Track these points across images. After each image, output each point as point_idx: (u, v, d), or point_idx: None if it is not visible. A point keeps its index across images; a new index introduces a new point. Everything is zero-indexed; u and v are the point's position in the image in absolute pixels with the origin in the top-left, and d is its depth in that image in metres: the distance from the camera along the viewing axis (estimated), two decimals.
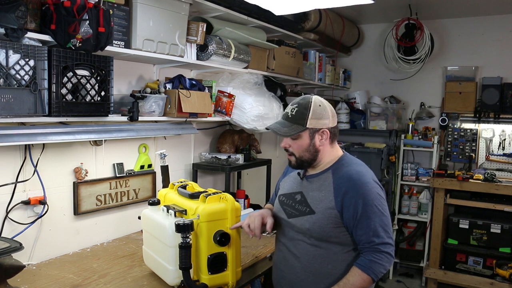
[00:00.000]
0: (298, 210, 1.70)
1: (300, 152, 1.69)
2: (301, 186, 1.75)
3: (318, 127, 1.66)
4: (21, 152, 1.95)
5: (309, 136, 1.67)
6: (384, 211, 1.61)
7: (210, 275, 1.65)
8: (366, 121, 4.45)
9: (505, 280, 3.61)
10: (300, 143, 1.67)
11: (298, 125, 1.65)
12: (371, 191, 1.60)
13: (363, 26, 4.71)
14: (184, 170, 2.95)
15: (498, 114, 3.99)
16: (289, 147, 1.70)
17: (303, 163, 1.71)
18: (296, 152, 1.70)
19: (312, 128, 1.66)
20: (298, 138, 1.67)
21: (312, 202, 1.67)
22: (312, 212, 1.65)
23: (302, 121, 1.65)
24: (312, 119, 1.65)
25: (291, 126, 1.66)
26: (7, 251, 1.57)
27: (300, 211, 1.69)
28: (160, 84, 2.45)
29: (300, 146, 1.68)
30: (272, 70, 3.26)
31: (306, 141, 1.67)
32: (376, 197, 1.60)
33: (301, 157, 1.69)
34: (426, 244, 4.26)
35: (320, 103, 1.68)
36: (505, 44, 4.10)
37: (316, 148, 1.68)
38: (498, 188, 3.67)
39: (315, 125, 1.66)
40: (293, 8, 2.42)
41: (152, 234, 1.79)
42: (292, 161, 1.73)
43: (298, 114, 1.66)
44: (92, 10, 1.80)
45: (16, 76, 1.66)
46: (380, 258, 1.55)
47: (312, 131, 1.66)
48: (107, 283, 1.78)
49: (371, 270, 1.55)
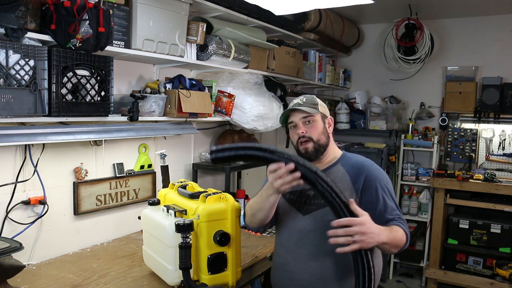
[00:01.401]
0: (316, 204, 1.67)
1: (317, 135, 1.71)
2: None
3: (326, 114, 1.78)
4: (21, 152, 1.95)
5: (321, 119, 1.74)
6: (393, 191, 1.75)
7: (210, 275, 1.65)
8: (366, 121, 4.45)
9: (505, 280, 3.60)
10: (316, 125, 1.72)
11: (313, 108, 1.73)
12: (383, 174, 1.74)
13: (363, 26, 4.71)
14: (184, 170, 2.95)
15: (498, 114, 3.99)
16: (306, 133, 1.71)
17: (320, 148, 1.72)
18: (314, 136, 1.71)
19: (322, 114, 1.75)
20: (313, 121, 1.72)
21: None
22: None
23: (315, 106, 1.74)
24: (321, 106, 1.77)
25: (307, 107, 1.72)
26: (7, 251, 1.57)
27: (318, 205, 1.66)
28: (160, 84, 2.45)
29: (316, 129, 1.72)
30: (272, 70, 3.26)
31: (321, 124, 1.74)
32: (388, 181, 1.74)
33: (318, 140, 1.71)
34: (426, 244, 4.26)
35: None
36: (505, 44, 4.10)
37: (328, 134, 1.76)
38: (498, 188, 3.67)
39: (324, 111, 1.77)
40: (293, 8, 2.42)
41: (152, 234, 1.79)
42: (309, 147, 1.71)
43: (309, 101, 1.75)
44: (92, 10, 1.80)
45: (16, 76, 1.66)
46: (405, 226, 1.66)
47: (323, 116, 1.75)
48: (107, 283, 1.78)
49: (407, 230, 1.64)
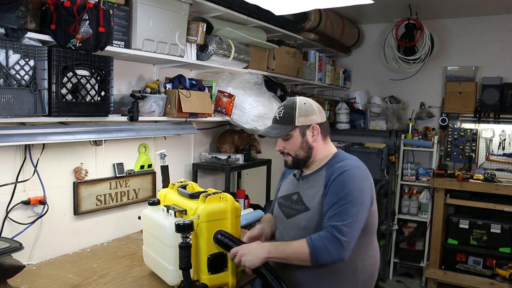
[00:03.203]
0: (295, 209, 1.73)
1: (295, 151, 1.73)
2: (297, 186, 1.79)
3: (307, 123, 1.71)
4: (21, 152, 1.95)
5: (300, 134, 1.71)
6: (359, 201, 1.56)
7: (210, 275, 1.65)
8: (366, 121, 4.45)
9: (505, 280, 3.61)
10: (293, 142, 1.72)
11: (288, 125, 1.70)
12: (353, 183, 1.58)
13: (363, 26, 4.71)
14: (184, 170, 2.95)
15: (498, 114, 3.99)
16: (284, 149, 1.74)
17: (299, 162, 1.75)
18: (291, 152, 1.73)
19: (301, 126, 1.71)
20: (290, 138, 1.71)
21: (307, 199, 1.70)
22: (307, 209, 1.68)
23: (291, 121, 1.70)
24: (300, 117, 1.70)
25: (280, 127, 1.71)
26: (7, 251, 1.57)
27: (297, 210, 1.72)
28: (160, 84, 2.45)
29: (293, 145, 1.72)
30: (272, 70, 3.26)
31: (299, 139, 1.71)
32: (356, 188, 1.58)
33: (296, 155, 1.73)
34: (426, 244, 4.26)
35: (305, 101, 1.73)
36: (505, 44, 4.10)
37: (309, 145, 1.72)
38: (498, 188, 3.67)
39: (303, 122, 1.70)
40: (293, 8, 2.42)
41: (152, 234, 1.79)
42: (288, 161, 1.76)
43: (286, 115, 1.71)
44: (92, 10, 1.80)
45: (16, 76, 1.66)
46: (328, 239, 1.50)
47: (302, 128, 1.71)
48: (107, 283, 1.78)
49: (313, 242, 1.52)
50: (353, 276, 1.68)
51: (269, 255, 1.58)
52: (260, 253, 1.58)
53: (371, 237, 1.75)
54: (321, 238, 1.52)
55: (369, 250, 1.73)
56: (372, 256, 1.76)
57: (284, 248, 1.60)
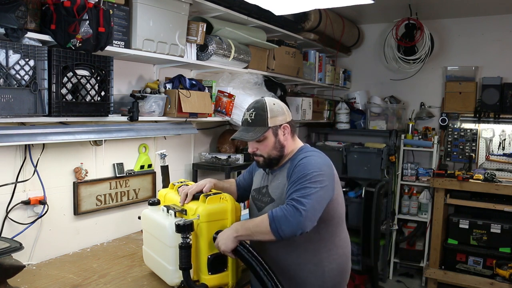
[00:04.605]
0: (263, 201, 1.80)
1: (268, 152, 1.76)
2: (267, 180, 1.84)
3: (278, 123, 1.75)
4: (21, 152, 1.95)
5: (273, 134, 1.75)
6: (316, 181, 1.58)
7: (210, 275, 1.65)
8: (366, 121, 4.44)
9: (505, 280, 3.61)
10: (266, 143, 1.75)
11: (261, 127, 1.73)
12: (312, 165, 1.63)
13: (363, 26, 4.71)
14: (184, 170, 2.95)
15: (498, 114, 3.99)
16: (257, 150, 1.77)
17: (271, 161, 1.78)
18: (264, 153, 1.76)
19: (274, 126, 1.74)
20: (263, 139, 1.74)
21: (272, 191, 1.76)
22: (272, 200, 1.74)
23: (263, 122, 1.73)
24: (272, 118, 1.73)
25: (254, 130, 1.73)
26: (7, 251, 1.57)
27: (265, 202, 1.79)
28: (160, 84, 2.45)
29: (266, 146, 1.75)
30: (272, 70, 3.26)
31: (272, 140, 1.75)
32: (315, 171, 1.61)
33: (269, 156, 1.77)
34: (426, 244, 4.26)
35: (273, 102, 1.78)
36: (505, 44, 4.10)
37: (281, 144, 1.76)
38: (498, 188, 3.67)
39: (275, 122, 1.74)
40: (293, 8, 2.42)
41: (152, 234, 1.79)
42: (260, 161, 1.79)
43: (258, 117, 1.74)
44: (92, 10, 1.80)
45: (16, 76, 1.66)
46: (287, 209, 1.52)
47: (275, 128, 1.75)
48: (107, 283, 1.78)
49: (273, 213, 1.53)
50: (319, 265, 1.72)
51: (237, 233, 1.58)
52: (229, 233, 1.59)
53: (337, 227, 1.77)
54: (280, 209, 1.54)
55: (336, 240, 1.76)
56: (340, 247, 1.78)
57: (248, 224, 1.62)
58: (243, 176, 2.07)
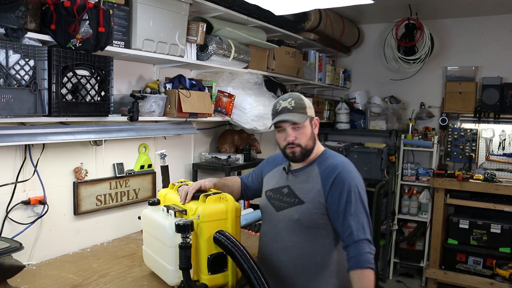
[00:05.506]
0: (287, 202, 1.75)
1: (306, 141, 1.72)
2: (287, 180, 1.80)
3: (312, 115, 1.76)
4: (21, 152, 1.95)
5: (310, 124, 1.73)
6: (364, 201, 1.67)
7: (210, 275, 1.65)
8: (366, 121, 4.45)
9: (505, 280, 3.61)
10: (305, 132, 1.71)
11: (302, 114, 1.70)
12: (354, 178, 1.67)
13: (363, 26, 4.71)
14: (184, 170, 2.95)
15: (498, 114, 3.99)
16: (296, 140, 1.71)
17: (307, 153, 1.74)
18: (302, 142, 1.72)
19: (310, 117, 1.74)
20: (302, 128, 1.71)
21: (301, 193, 1.72)
22: (301, 202, 1.70)
23: (304, 110, 1.71)
24: (308, 108, 1.73)
25: (297, 115, 1.69)
26: (7, 251, 1.57)
27: (289, 203, 1.74)
28: (160, 84, 2.45)
29: (305, 135, 1.71)
30: (272, 70, 3.26)
31: (309, 129, 1.73)
32: (357, 185, 1.66)
33: (306, 146, 1.73)
34: (426, 244, 4.27)
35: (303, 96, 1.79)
36: (505, 44, 4.10)
37: (314, 137, 1.75)
38: (498, 188, 3.67)
39: (311, 113, 1.74)
40: (293, 8, 2.43)
41: (152, 234, 1.79)
42: (297, 152, 1.72)
43: (297, 105, 1.71)
44: (92, 10, 1.79)
45: (16, 76, 1.66)
46: (363, 248, 1.57)
47: (311, 119, 1.74)
48: (107, 283, 1.78)
49: (366, 262, 1.56)
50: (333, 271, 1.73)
51: None
52: None
53: None
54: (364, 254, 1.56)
55: None
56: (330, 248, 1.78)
57: None
58: (251, 176, 2.04)
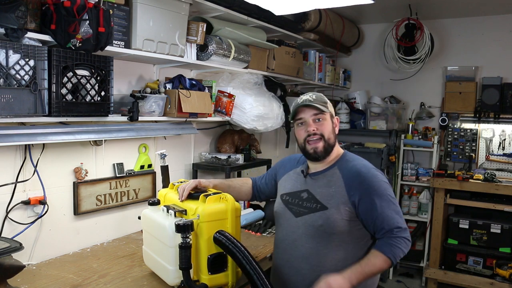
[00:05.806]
0: (307, 207, 1.69)
1: (328, 133, 1.71)
2: (305, 184, 1.75)
3: (333, 112, 1.77)
4: (21, 152, 1.95)
5: (330, 119, 1.73)
6: (394, 198, 1.67)
7: (210, 275, 1.65)
8: (366, 121, 4.45)
9: (505, 280, 3.61)
10: (326, 124, 1.71)
11: (324, 106, 1.71)
12: (381, 182, 1.66)
13: (363, 26, 4.71)
14: (184, 170, 2.95)
15: (498, 114, 3.99)
16: (317, 130, 1.69)
17: (329, 148, 1.71)
18: (325, 133, 1.70)
19: (330, 112, 1.74)
20: (323, 119, 1.71)
21: (322, 198, 1.67)
22: (324, 207, 1.64)
23: (325, 104, 1.73)
24: (329, 105, 1.75)
25: (320, 105, 1.70)
26: (7, 251, 1.57)
27: (310, 208, 1.68)
28: (160, 84, 2.45)
29: (327, 127, 1.71)
30: (272, 70, 3.26)
31: (330, 124, 1.73)
32: (386, 187, 1.66)
33: (329, 139, 1.71)
34: (426, 244, 4.26)
35: None
36: (505, 44, 4.10)
37: (335, 134, 1.74)
38: (498, 188, 3.67)
39: (332, 110, 1.76)
40: (293, 8, 2.42)
41: (152, 234, 1.79)
42: (320, 146, 1.69)
43: (319, 98, 1.74)
44: (92, 10, 1.79)
45: (16, 76, 1.66)
46: (399, 243, 1.58)
47: (331, 115, 1.74)
48: (107, 283, 1.78)
49: (392, 253, 1.57)
50: None
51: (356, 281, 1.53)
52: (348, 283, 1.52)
53: None
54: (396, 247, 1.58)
55: None
56: None
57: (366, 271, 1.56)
58: (264, 178, 2.01)
